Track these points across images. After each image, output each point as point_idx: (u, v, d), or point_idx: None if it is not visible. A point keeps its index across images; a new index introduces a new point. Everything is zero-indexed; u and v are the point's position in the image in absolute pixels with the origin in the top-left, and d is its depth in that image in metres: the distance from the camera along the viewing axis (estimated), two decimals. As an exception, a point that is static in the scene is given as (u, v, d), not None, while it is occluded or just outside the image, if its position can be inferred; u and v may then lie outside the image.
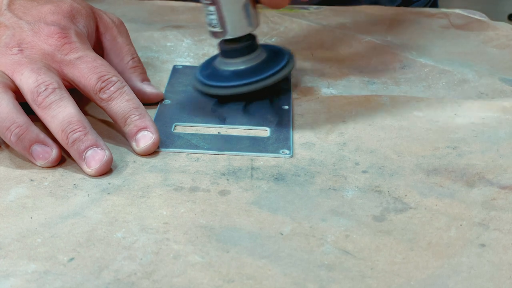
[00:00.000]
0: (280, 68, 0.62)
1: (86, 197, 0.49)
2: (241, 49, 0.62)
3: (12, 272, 0.41)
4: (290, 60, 0.64)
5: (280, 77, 0.62)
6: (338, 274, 0.42)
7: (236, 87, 0.61)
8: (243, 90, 0.61)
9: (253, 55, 0.63)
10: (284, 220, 0.47)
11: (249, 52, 0.62)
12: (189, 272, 0.42)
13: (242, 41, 0.62)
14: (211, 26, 0.61)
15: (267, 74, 0.62)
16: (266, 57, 0.63)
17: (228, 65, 0.63)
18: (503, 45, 0.78)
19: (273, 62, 0.63)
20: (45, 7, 0.59)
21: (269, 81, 0.61)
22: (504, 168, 0.53)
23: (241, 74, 0.62)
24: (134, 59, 0.63)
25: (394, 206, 0.49)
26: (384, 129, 0.58)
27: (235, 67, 0.62)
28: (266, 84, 0.61)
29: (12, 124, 0.51)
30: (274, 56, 0.64)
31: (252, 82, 0.61)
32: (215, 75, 0.63)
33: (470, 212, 0.48)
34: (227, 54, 0.63)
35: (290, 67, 0.63)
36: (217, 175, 0.52)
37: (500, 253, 0.44)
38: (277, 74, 0.62)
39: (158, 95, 0.62)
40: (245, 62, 0.62)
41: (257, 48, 0.63)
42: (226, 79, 0.62)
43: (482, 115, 0.61)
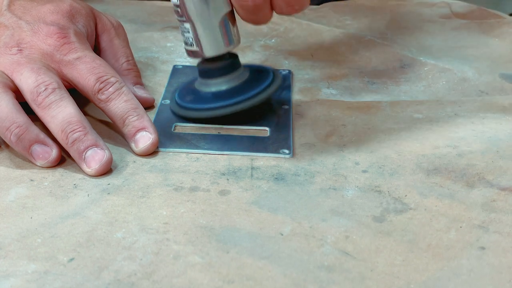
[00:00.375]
0: (264, 88, 0.59)
1: (86, 197, 0.49)
2: (221, 68, 0.58)
3: (12, 272, 0.41)
4: (274, 79, 0.60)
5: (264, 98, 0.58)
6: (338, 275, 0.42)
7: (217, 109, 0.58)
8: (225, 112, 0.58)
9: (235, 75, 0.59)
10: (284, 220, 0.47)
11: (230, 71, 0.59)
12: (189, 273, 0.42)
13: (222, 60, 0.58)
14: (187, 45, 0.57)
15: (249, 95, 0.58)
16: (248, 77, 0.60)
17: (209, 86, 0.59)
18: (505, 34, 0.78)
19: (257, 81, 0.59)
20: (44, 7, 0.59)
21: (253, 102, 0.58)
22: (504, 170, 0.53)
23: (223, 95, 0.58)
24: (129, 62, 0.63)
25: (394, 206, 0.49)
26: (384, 132, 0.58)
27: (216, 88, 0.59)
28: (249, 105, 0.58)
29: (12, 124, 0.51)
30: (258, 74, 0.61)
31: (234, 104, 0.58)
32: (194, 97, 0.60)
33: (470, 213, 0.48)
34: (207, 75, 0.59)
35: (275, 86, 0.59)
36: (217, 175, 0.52)
37: (500, 256, 0.44)
38: (260, 94, 0.58)
39: (148, 100, 0.62)
40: (226, 82, 0.59)
41: (239, 67, 0.60)
42: (207, 101, 0.59)
43: (482, 115, 0.61)
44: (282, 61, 0.72)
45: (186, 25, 0.56)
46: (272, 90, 0.59)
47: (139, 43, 0.75)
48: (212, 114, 0.58)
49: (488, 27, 0.80)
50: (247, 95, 0.58)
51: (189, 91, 0.61)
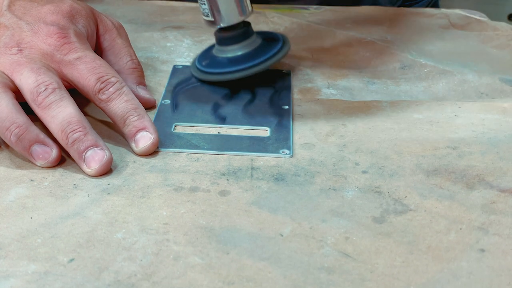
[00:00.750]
0: (275, 53, 0.65)
1: (86, 197, 0.49)
2: (235, 36, 0.65)
3: (12, 273, 0.41)
4: (284, 44, 0.66)
5: (274, 61, 0.65)
6: (338, 277, 0.42)
7: (233, 73, 0.64)
8: (240, 75, 0.64)
9: (248, 42, 0.65)
10: (284, 221, 0.47)
11: (244, 39, 0.65)
12: (189, 274, 0.42)
13: (236, 29, 0.64)
14: (204, 15, 0.64)
15: (262, 59, 0.64)
16: (261, 43, 0.66)
17: (225, 52, 0.65)
18: (503, 45, 0.78)
19: (268, 47, 0.65)
20: (45, 8, 0.59)
21: (265, 66, 0.64)
22: (504, 171, 0.53)
23: (237, 61, 0.65)
24: (133, 61, 0.63)
25: (394, 207, 0.49)
26: (384, 132, 0.58)
27: (231, 54, 0.65)
28: (262, 69, 0.64)
29: (12, 124, 0.51)
30: (269, 41, 0.66)
31: (248, 67, 0.64)
32: (212, 63, 0.66)
33: (469, 215, 0.48)
34: (223, 42, 0.65)
35: (285, 50, 0.66)
36: (217, 175, 0.52)
37: (500, 259, 0.44)
38: (271, 58, 0.64)
39: (150, 100, 0.62)
40: (240, 48, 0.65)
41: (252, 35, 0.66)
42: (223, 65, 0.65)
43: (482, 117, 0.61)
44: (282, 61, 0.72)
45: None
46: (281, 56, 0.65)
47: (139, 43, 0.75)
48: (229, 77, 0.65)
49: (487, 38, 0.80)
50: (259, 59, 0.64)
51: (208, 57, 0.67)
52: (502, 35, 0.81)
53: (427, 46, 0.77)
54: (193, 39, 0.78)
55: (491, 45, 0.78)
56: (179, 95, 0.64)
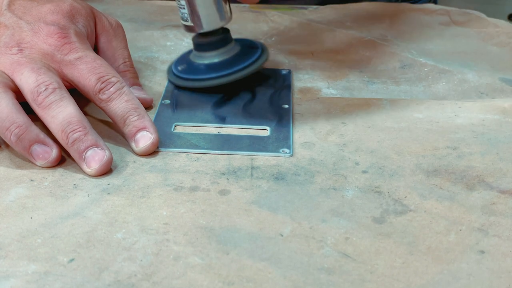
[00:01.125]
0: (253, 61, 0.64)
1: (86, 197, 0.49)
2: (214, 42, 0.63)
3: (12, 273, 0.41)
4: (263, 53, 0.65)
5: (252, 70, 0.64)
6: (338, 277, 0.42)
7: (210, 80, 0.63)
8: (217, 83, 0.63)
9: (226, 49, 0.64)
10: (284, 220, 0.47)
11: (222, 45, 0.64)
12: (189, 274, 0.42)
13: (215, 35, 0.63)
14: (183, 20, 0.63)
15: (240, 67, 0.63)
16: (239, 50, 0.65)
17: (202, 59, 0.64)
18: (504, 42, 0.78)
19: (247, 55, 0.64)
20: (45, 7, 0.59)
21: (242, 74, 0.63)
22: (504, 172, 0.53)
23: (215, 67, 0.63)
24: (126, 63, 0.63)
25: (394, 208, 0.49)
26: (384, 131, 0.58)
27: (209, 60, 0.64)
28: (239, 77, 0.63)
29: (12, 124, 0.51)
30: (248, 49, 0.66)
31: (226, 75, 0.63)
32: (189, 69, 0.65)
33: (469, 216, 0.48)
34: (201, 48, 0.64)
35: (263, 59, 0.65)
36: (217, 175, 0.52)
37: (499, 260, 0.44)
38: (249, 66, 0.63)
39: (146, 100, 0.61)
40: (218, 55, 0.64)
41: (230, 42, 0.65)
42: (200, 72, 0.64)
43: (482, 117, 0.61)
44: (282, 60, 0.72)
45: (182, 2, 0.61)
46: (259, 64, 0.64)
47: (139, 42, 0.75)
48: (204, 84, 0.63)
49: (487, 36, 0.80)
50: (237, 67, 0.63)
51: (184, 62, 0.66)
52: (502, 32, 0.80)
53: (427, 45, 0.77)
54: (193, 38, 0.78)
55: (492, 43, 0.78)
56: (179, 95, 0.64)
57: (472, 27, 0.82)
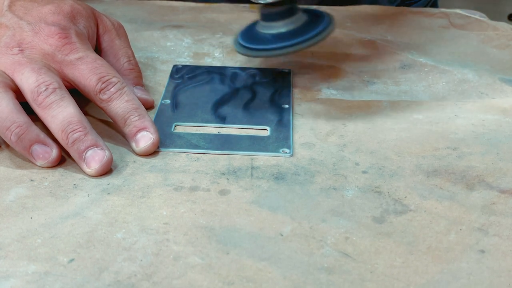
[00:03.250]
0: (320, 31, 0.63)
1: (86, 197, 0.49)
2: (281, 12, 0.63)
3: (12, 273, 0.41)
4: (329, 22, 0.64)
5: (320, 39, 0.63)
6: (338, 277, 0.42)
7: (278, 49, 0.62)
8: (285, 52, 0.62)
9: (293, 19, 0.63)
10: (284, 220, 0.47)
11: (289, 15, 0.63)
12: (189, 274, 0.42)
13: (282, 4, 0.63)
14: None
15: (307, 36, 0.62)
16: (306, 20, 0.64)
17: (269, 28, 0.64)
18: (503, 45, 0.78)
19: (313, 24, 0.64)
20: (45, 8, 0.59)
21: (310, 43, 0.62)
22: (504, 172, 0.53)
23: (282, 37, 0.63)
24: (130, 62, 0.63)
25: (394, 207, 0.49)
26: (384, 132, 0.58)
27: (276, 30, 0.63)
28: (307, 46, 0.62)
29: (13, 124, 0.51)
30: (314, 18, 0.65)
31: (293, 44, 0.62)
32: (256, 39, 0.64)
33: (469, 216, 0.48)
34: (267, 18, 0.64)
35: (330, 29, 0.64)
36: (217, 175, 0.52)
37: (499, 260, 0.44)
38: (317, 36, 0.63)
39: (147, 101, 0.61)
40: (285, 25, 0.63)
41: (297, 11, 0.64)
42: (268, 41, 0.63)
43: (482, 117, 0.61)
44: (282, 60, 0.72)
45: None
46: (327, 33, 0.63)
47: (139, 42, 0.75)
48: (272, 54, 0.63)
49: (487, 38, 0.80)
50: (305, 36, 0.62)
51: (251, 33, 0.66)
52: (502, 35, 0.81)
53: (427, 45, 0.77)
54: (193, 38, 0.78)
55: (491, 45, 0.78)
56: (179, 95, 0.64)
57: (472, 30, 0.82)
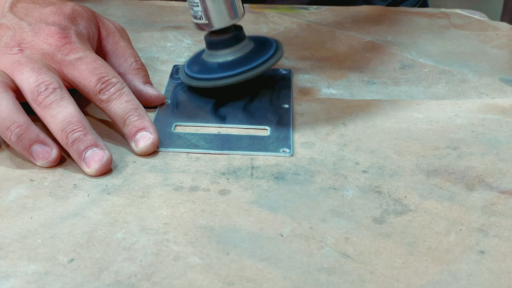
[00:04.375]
0: (268, 58, 0.62)
1: (86, 197, 0.49)
2: (227, 40, 0.62)
3: (12, 273, 0.41)
4: (277, 49, 0.63)
5: (267, 67, 0.62)
6: (338, 278, 0.42)
7: (223, 79, 0.61)
8: (230, 81, 0.61)
9: (240, 46, 0.62)
10: (284, 220, 0.47)
11: (236, 43, 0.62)
12: (189, 274, 0.42)
13: (228, 32, 0.62)
14: (196, 18, 0.61)
15: (254, 64, 0.61)
16: (253, 48, 0.63)
17: (215, 57, 0.62)
18: (503, 45, 0.78)
19: (261, 52, 0.63)
20: (46, 9, 0.59)
21: (256, 71, 0.61)
22: (504, 172, 0.53)
23: (228, 66, 0.62)
24: (137, 62, 0.63)
25: (394, 208, 0.49)
26: (384, 131, 0.58)
27: (222, 58, 0.62)
28: (254, 75, 0.61)
29: (12, 123, 0.51)
30: (262, 46, 0.64)
31: (239, 73, 0.61)
32: (202, 68, 0.63)
33: (469, 216, 0.48)
34: (214, 46, 0.62)
35: (278, 56, 0.63)
36: (217, 175, 0.52)
37: (499, 261, 0.44)
38: (264, 63, 0.62)
39: (160, 97, 0.62)
40: (232, 53, 0.62)
41: (243, 39, 0.63)
42: (213, 71, 0.62)
43: (482, 117, 0.61)
44: (282, 61, 0.72)
45: None
46: (274, 61, 0.62)
47: (139, 43, 0.75)
48: (218, 83, 0.61)
49: (487, 38, 0.80)
50: (250, 65, 0.61)
51: (197, 62, 0.64)
52: (502, 35, 0.81)
53: (427, 45, 0.77)
54: (193, 39, 0.78)
55: (491, 45, 0.78)
56: (179, 95, 0.64)
57: (472, 30, 0.82)
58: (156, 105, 0.62)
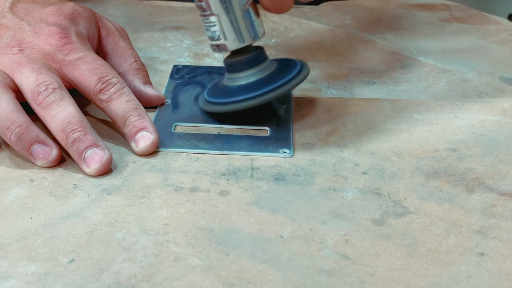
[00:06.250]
0: (294, 76, 0.58)
1: (86, 197, 0.49)
2: (249, 60, 0.58)
3: (12, 273, 0.41)
4: (303, 68, 0.59)
5: (291, 87, 0.57)
6: (338, 280, 0.42)
7: (245, 101, 0.57)
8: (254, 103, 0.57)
9: (262, 66, 0.58)
10: (284, 221, 0.47)
11: (258, 63, 0.58)
12: (189, 276, 0.42)
13: (249, 52, 0.58)
14: (214, 40, 0.57)
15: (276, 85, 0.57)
16: (276, 67, 0.59)
17: (236, 80, 0.59)
18: (504, 40, 0.78)
19: (285, 71, 0.58)
20: (46, 9, 0.59)
21: (281, 91, 0.57)
22: (504, 174, 0.53)
23: (252, 87, 0.58)
24: (137, 62, 0.63)
25: (393, 209, 0.49)
26: (384, 132, 0.58)
27: (244, 80, 0.58)
28: (276, 95, 0.57)
29: (13, 123, 0.51)
30: (285, 65, 0.60)
31: (260, 94, 0.57)
32: (223, 93, 0.59)
33: (469, 218, 0.48)
34: (235, 68, 0.58)
35: (303, 75, 0.58)
36: (217, 175, 0.52)
37: (499, 263, 0.44)
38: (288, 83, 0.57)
39: (160, 97, 0.62)
40: (254, 74, 0.58)
41: (265, 59, 0.59)
42: (234, 94, 0.58)
43: (482, 118, 0.61)
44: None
45: (212, 19, 0.56)
46: (300, 79, 0.58)
47: (139, 43, 0.75)
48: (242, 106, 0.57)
49: (487, 33, 0.80)
50: (275, 84, 0.57)
51: (218, 88, 0.61)
52: (503, 29, 0.80)
53: (427, 43, 0.77)
54: (193, 39, 0.78)
55: (492, 41, 0.78)
56: (179, 95, 0.64)
57: (473, 23, 0.82)
58: (156, 105, 0.62)
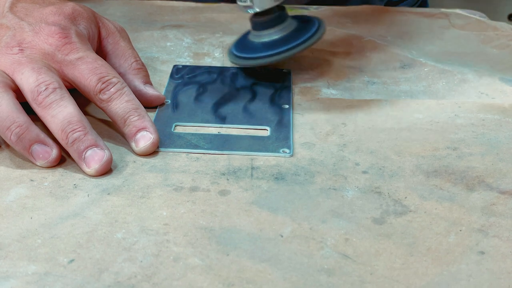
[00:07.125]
0: (310, 36, 0.66)
1: (86, 197, 0.49)
2: (270, 21, 0.66)
3: (12, 273, 0.41)
4: (319, 26, 0.67)
5: (310, 44, 0.65)
6: (338, 279, 0.42)
7: (269, 57, 0.65)
8: (276, 59, 0.65)
9: (283, 26, 0.66)
10: (284, 221, 0.47)
11: (279, 23, 0.66)
12: (189, 276, 0.42)
13: (271, 13, 0.65)
14: (241, 1, 0.65)
15: (297, 42, 0.65)
16: (296, 26, 0.67)
17: (260, 37, 0.66)
18: (503, 45, 0.78)
19: (303, 30, 0.66)
20: (46, 9, 0.59)
21: (300, 48, 0.65)
22: (504, 173, 0.53)
23: (273, 45, 0.66)
24: (138, 62, 0.63)
25: (394, 208, 0.49)
26: (384, 131, 0.58)
27: (267, 38, 0.66)
28: (297, 51, 0.65)
29: (13, 123, 0.51)
30: (304, 24, 0.67)
31: (284, 51, 0.65)
32: (248, 48, 0.67)
33: (469, 217, 0.48)
34: (258, 27, 0.66)
35: (320, 34, 0.66)
36: (217, 175, 0.52)
37: (499, 262, 0.44)
38: (307, 41, 0.65)
39: (160, 97, 0.62)
40: (275, 32, 0.66)
41: (286, 19, 0.67)
42: (258, 50, 0.66)
43: (482, 117, 0.61)
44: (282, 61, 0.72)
45: None
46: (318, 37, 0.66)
47: (139, 43, 0.75)
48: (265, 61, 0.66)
49: (487, 38, 0.80)
50: (294, 42, 0.65)
51: (244, 43, 0.69)
52: (502, 35, 0.81)
53: (427, 45, 0.77)
54: (193, 38, 0.78)
55: (491, 45, 0.78)
56: (179, 95, 0.64)
57: (472, 30, 0.82)
58: (156, 105, 0.62)
